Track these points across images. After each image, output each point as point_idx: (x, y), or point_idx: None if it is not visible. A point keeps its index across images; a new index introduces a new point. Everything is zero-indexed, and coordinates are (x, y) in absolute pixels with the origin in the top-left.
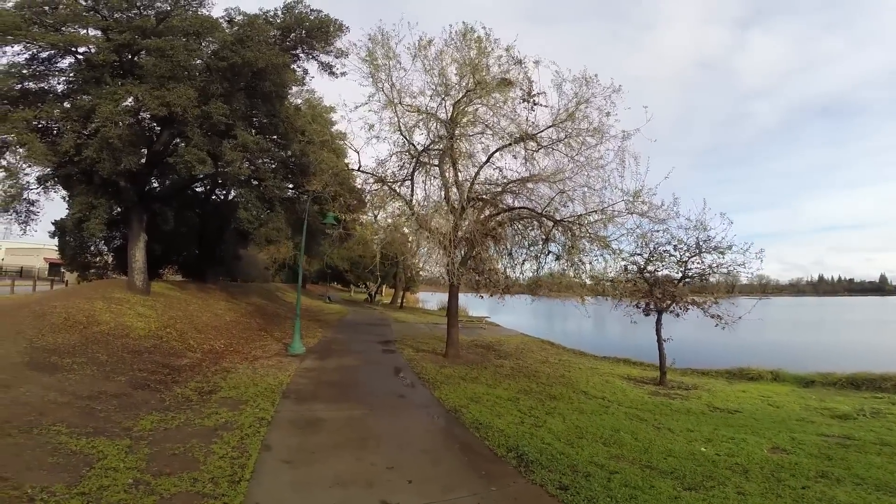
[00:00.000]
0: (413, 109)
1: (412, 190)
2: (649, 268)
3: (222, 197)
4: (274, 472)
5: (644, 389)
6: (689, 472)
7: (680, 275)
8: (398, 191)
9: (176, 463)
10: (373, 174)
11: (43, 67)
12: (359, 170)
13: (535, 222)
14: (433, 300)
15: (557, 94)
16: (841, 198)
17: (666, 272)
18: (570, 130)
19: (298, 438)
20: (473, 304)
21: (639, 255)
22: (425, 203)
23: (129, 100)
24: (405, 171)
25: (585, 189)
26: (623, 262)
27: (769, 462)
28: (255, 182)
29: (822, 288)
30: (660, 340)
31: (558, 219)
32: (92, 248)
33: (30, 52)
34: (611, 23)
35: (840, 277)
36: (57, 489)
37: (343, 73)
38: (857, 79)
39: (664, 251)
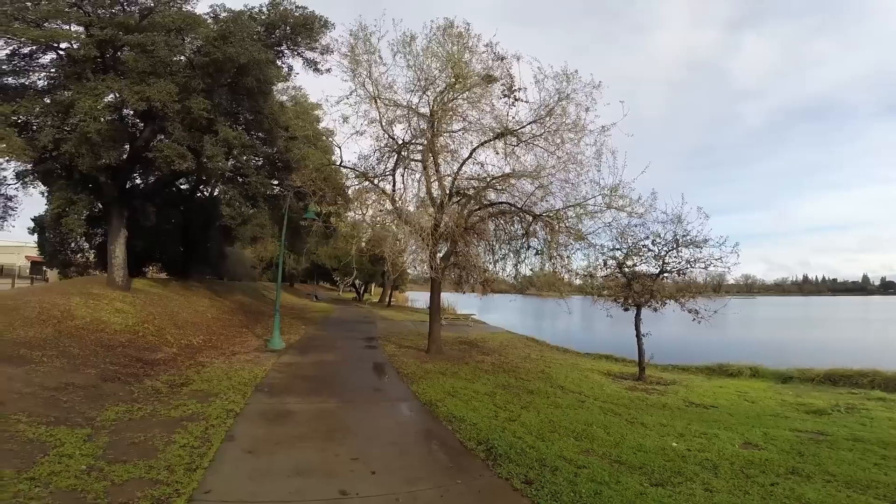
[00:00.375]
0: (393, 104)
1: (394, 185)
2: (628, 262)
3: (207, 194)
4: (233, 462)
5: (622, 385)
6: (658, 467)
7: (658, 269)
8: (379, 186)
9: (133, 451)
10: (353, 169)
11: (23, 63)
12: (340, 165)
13: (516, 217)
14: (423, 299)
15: (538, 91)
16: (826, 199)
17: (644, 267)
18: (549, 126)
19: (265, 430)
20: (463, 303)
21: (617, 249)
22: (407, 198)
23: (111, 96)
24: (385, 166)
25: (566, 183)
26: (602, 258)
27: (740, 458)
28: (239, 179)
29: (807, 288)
30: (639, 336)
31: (538, 213)
32: (73, 245)
33: (10, 48)
34: (604, 24)
35: (824, 277)
36: (5, 474)
37: (328, 70)
38: (843, 82)
39: (642, 245)
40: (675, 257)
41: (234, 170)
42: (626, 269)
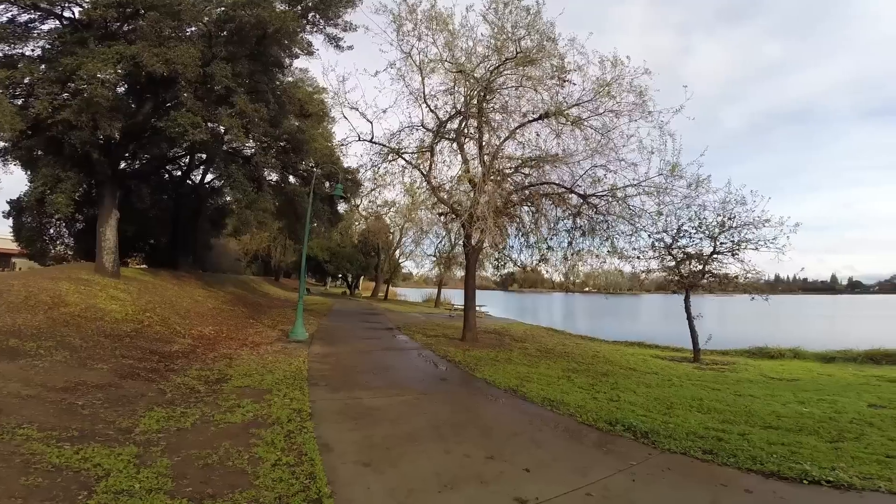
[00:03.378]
0: (454, 68)
1: (430, 163)
2: (679, 243)
3: (196, 181)
4: (357, 482)
5: (685, 366)
6: (819, 428)
7: (710, 249)
8: (414, 163)
9: (216, 478)
10: (387, 146)
11: (21, 30)
12: (371, 141)
13: (558, 199)
14: (414, 295)
15: (581, 77)
16: (798, 201)
17: (694, 249)
18: (597, 106)
19: (359, 433)
20: (459, 296)
21: (664, 232)
22: (442, 177)
23: (118, 66)
24: (416, 143)
25: (621, 162)
26: (651, 239)
27: (878, 415)
28: (242, 160)
29: (779, 287)
30: (690, 318)
31: (590, 193)
32: (51, 231)
33: (9, 14)
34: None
35: (795, 277)
36: None
37: (349, 48)
38: (819, 87)
39: (696, 226)
40: (729, 237)
41: (246, 145)
42: (675, 251)
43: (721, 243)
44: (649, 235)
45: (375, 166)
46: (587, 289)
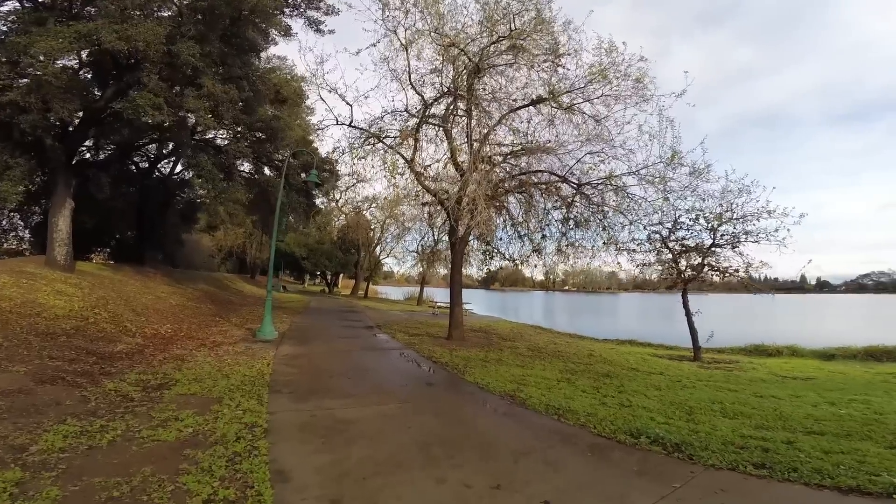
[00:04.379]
0: (446, 42)
1: (415, 149)
2: (676, 234)
3: (164, 173)
4: None
5: (688, 365)
6: (869, 433)
7: (710, 241)
8: (394, 148)
9: None
10: (367, 130)
11: None
12: (350, 125)
13: (551, 189)
14: (395, 293)
15: (575, 62)
16: (764, 203)
17: (693, 241)
18: (592, 92)
19: (326, 456)
20: (441, 294)
21: (661, 224)
22: (425, 165)
23: (75, 44)
24: (399, 128)
25: (618, 149)
26: (647, 231)
27: None
28: (213, 149)
29: (751, 287)
30: (689, 315)
31: (584, 182)
32: (4, 224)
33: None
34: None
35: (766, 277)
36: None
37: (331, 32)
38: (787, 93)
39: (693, 217)
40: (730, 228)
41: (216, 126)
42: (672, 244)
43: (721, 235)
44: (644, 227)
45: (355, 148)
46: (567, 287)
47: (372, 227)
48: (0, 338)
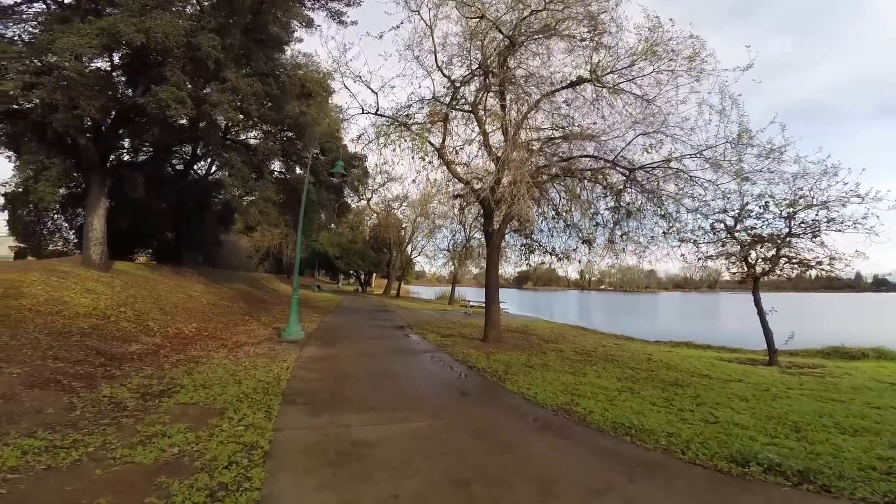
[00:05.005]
0: (473, 13)
1: (444, 137)
2: (744, 224)
3: (201, 174)
4: None
5: (765, 370)
6: None
7: (785, 230)
8: (424, 135)
9: None
10: (393, 118)
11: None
12: (376, 113)
13: (598, 175)
14: (426, 293)
15: (616, 39)
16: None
17: (767, 230)
18: (640, 70)
19: (334, 494)
20: (473, 293)
21: (723, 212)
22: (458, 146)
23: (97, 39)
24: (425, 113)
25: (677, 130)
26: (710, 220)
27: None
28: (243, 148)
29: (801, 285)
30: (761, 313)
31: (636, 167)
32: (49, 225)
33: None
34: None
35: (818, 275)
36: None
37: (353, 23)
38: (832, 83)
39: (764, 204)
40: (809, 216)
41: (241, 123)
42: (739, 234)
43: (800, 223)
44: (707, 216)
45: (382, 134)
46: (603, 287)
47: (403, 225)
48: (7, 336)
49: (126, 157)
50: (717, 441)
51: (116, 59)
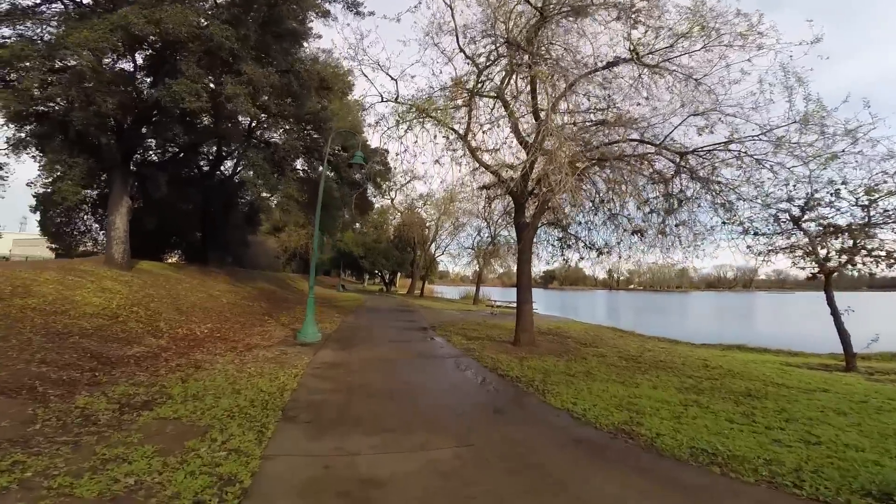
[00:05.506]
0: None
1: (469, 120)
2: (813, 213)
3: (227, 174)
4: None
5: (851, 377)
6: None
7: (863, 220)
8: (445, 122)
9: None
10: (413, 103)
11: (22, 16)
12: (396, 101)
13: (644, 161)
14: (450, 293)
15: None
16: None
17: (842, 220)
18: (686, 49)
19: None
20: (497, 293)
21: (788, 200)
22: (479, 139)
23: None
24: (445, 97)
25: (736, 109)
26: (773, 210)
27: None
28: (264, 145)
29: (842, 284)
30: (836, 313)
31: (686, 151)
32: (80, 226)
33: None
34: None
35: (860, 273)
36: None
37: (370, 13)
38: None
39: (835, 191)
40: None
41: (258, 115)
42: (807, 225)
43: (882, 212)
44: (768, 205)
45: (404, 120)
46: (632, 286)
47: (427, 224)
48: None
49: (154, 158)
50: (836, 469)
51: (140, 60)
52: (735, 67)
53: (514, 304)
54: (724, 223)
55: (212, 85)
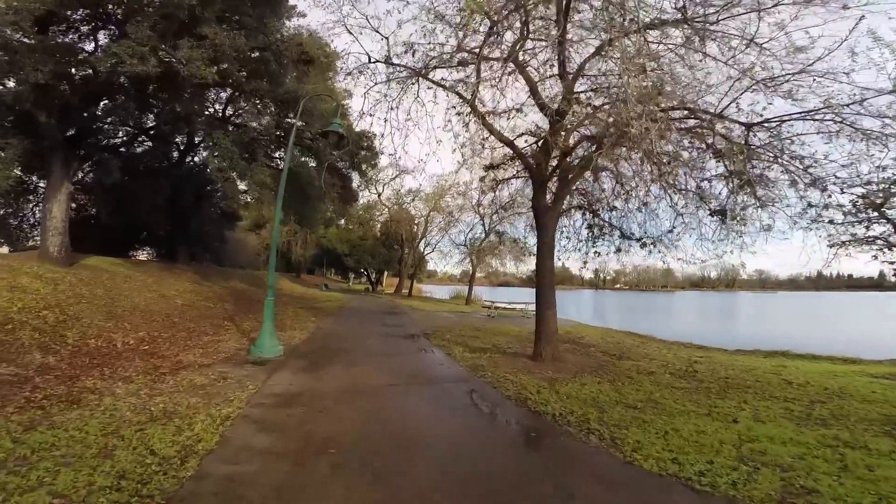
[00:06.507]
0: None
1: (477, 83)
2: None
3: (196, 162)
4: None
5: None
6: None
7: None
8: (447, 85)
9: None
10: (409, 67)
11: None
12: (387, 62)
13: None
14: (439, 292)
15: None
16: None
17: None
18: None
19: None
20: (488, 292)
21: (868, 184)
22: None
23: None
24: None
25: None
26: (847, 195)
27: None
28: (232, 126)
29: (822, 284)
30: None
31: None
32: (28, 217)
33: None
34: None
35: (839, 274)
36: None
37: None
38: None
39: None
40: None
41: (217, 80)
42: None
43: None
44: (842, 190)
45: (396, 81)
46: (618, 286)
47: (416, 220)
48: None
49: (114, 143)
50: None
51: (85, 29)
52: (798, 35)
53: (514, 306)
54: (810, 205)
55: (164, 48)
